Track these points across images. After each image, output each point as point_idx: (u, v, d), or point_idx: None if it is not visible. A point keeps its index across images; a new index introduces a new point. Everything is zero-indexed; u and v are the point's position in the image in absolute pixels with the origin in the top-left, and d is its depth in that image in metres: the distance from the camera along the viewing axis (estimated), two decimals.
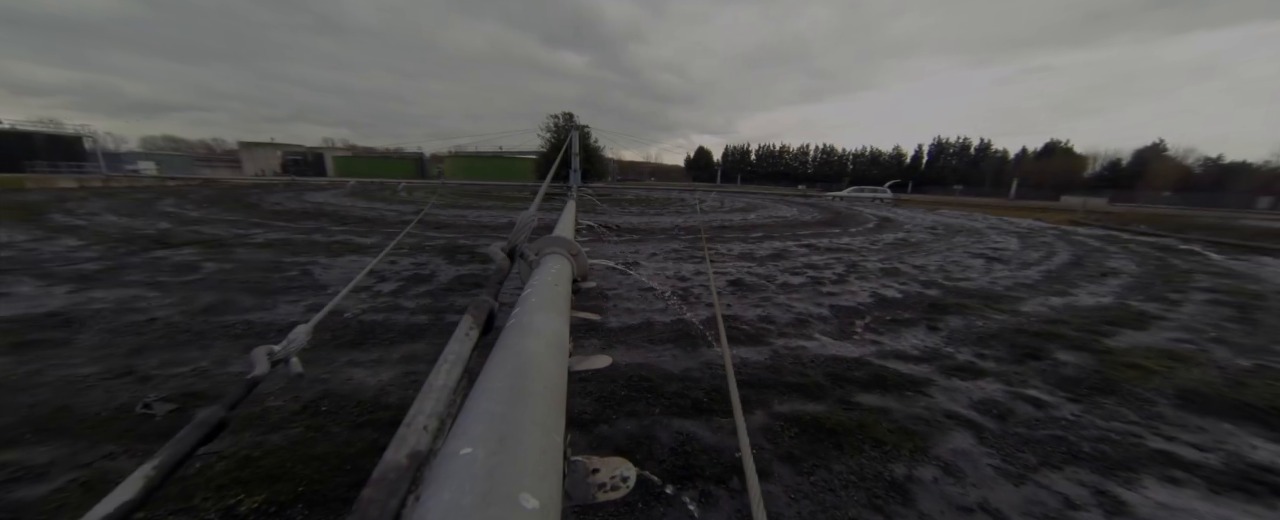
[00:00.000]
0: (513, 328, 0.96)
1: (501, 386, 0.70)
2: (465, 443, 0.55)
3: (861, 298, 5.06)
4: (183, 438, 0.69)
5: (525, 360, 0.80)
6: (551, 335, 0.97)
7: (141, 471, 0.61)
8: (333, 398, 2.53)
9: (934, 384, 3.01)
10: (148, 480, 0.60)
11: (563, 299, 1.28)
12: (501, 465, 0.51)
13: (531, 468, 0.54)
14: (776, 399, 2.71)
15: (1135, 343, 3.87)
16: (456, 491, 0.46)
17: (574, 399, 2.59)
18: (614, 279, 5.51)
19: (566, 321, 1.16)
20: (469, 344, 0.90)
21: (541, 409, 0.67)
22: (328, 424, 2.29)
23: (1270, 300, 5.44)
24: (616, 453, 1.35)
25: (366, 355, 3.12)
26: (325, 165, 57.79)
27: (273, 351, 0.99)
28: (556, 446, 0.63)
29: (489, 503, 0.45)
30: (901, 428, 2.43)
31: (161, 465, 0.62)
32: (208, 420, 0.73)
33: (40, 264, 5.36)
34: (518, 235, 1.81)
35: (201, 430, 0.71)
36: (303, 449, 2.07)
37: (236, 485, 1.82)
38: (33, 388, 2.53)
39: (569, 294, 1.43)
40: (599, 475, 0.73)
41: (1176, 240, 11.91)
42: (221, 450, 2.01)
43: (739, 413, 0.85)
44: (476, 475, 0.49)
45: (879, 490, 1.95)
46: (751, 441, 2.26)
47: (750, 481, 0.67)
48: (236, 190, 19.96)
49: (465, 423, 0.60)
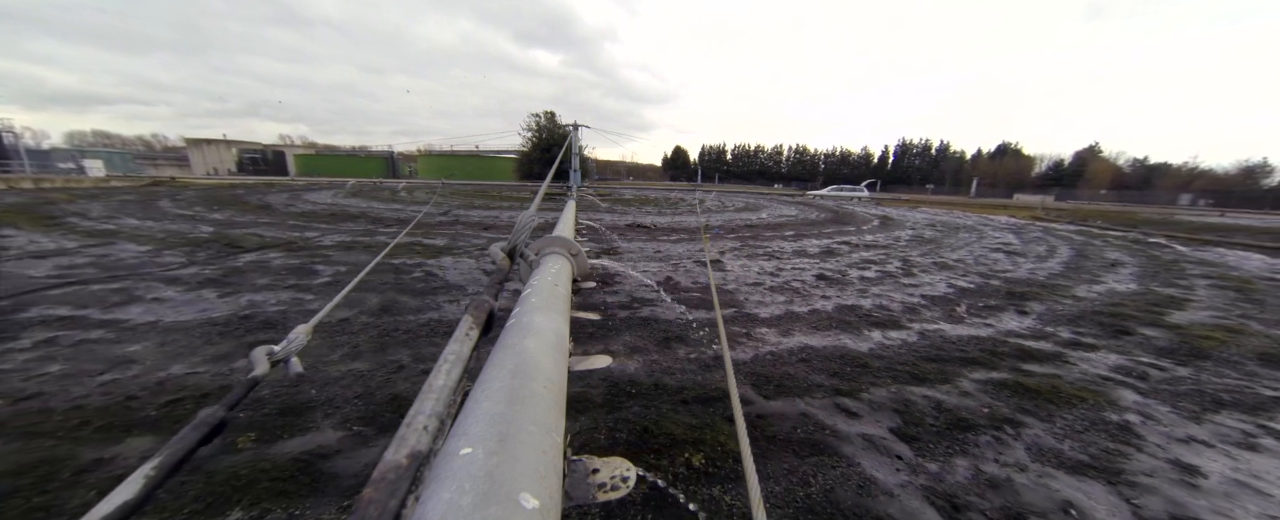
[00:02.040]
0: (513, 328, 0.98)
1: (501, 386, 0.70)
2: (465, 443, 0.55)
3: (940, 289, 5.72)
4: (183, 438, 0.68)
5: (525, 360, 0.81)
6: (552, 335, 0.98)
7: (141, 471, 0.60)
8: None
9: (1066, 356, 3.63)
10: (148, 480, 0.59)
11: (563, 299, 1.30)
12: (501, 465, 0.51)
13: (531, 468, 0.54)
14: (967, 370, 3.25)
15: (1189, 319, 4.68)
16: (456, 491, 0.46)
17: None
18: (699, 275, 5.94)
19: (566, 321, 1.18)
20: (469, 344, 0.90)
21: (541, 409, 0.68)
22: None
23: (1258, 285, 6.51)
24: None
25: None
26: (286, 164, 54.79)
27: (273, 351, 0.99)
28: (556, 446, 0.63)
29: (489, 503, 0.45)
30: (1083, 388, 3.01)
31: (161, 465, 0.62)
32: (208, 420, 0.73)
33: (142, 270, 5.25)
34: (518, 235, 1.80)
35: (202, 430, 0.71)
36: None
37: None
38: (337, 382, 2.73)
39: (569, 294, 1.45)
40: (599, 475, 0.74)
41: (1138, 234, 13.47)
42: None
43: (739, 412, 0.85)
44: (476, 475, 0.49)
45: (1112, 431, 2.50)
46: (983, 402, 2.78)
47: (750, 482, 0.66)
48: (218, 191, 18.92)
49: (465, 423, 0.61)
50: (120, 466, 1.89)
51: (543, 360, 0.83)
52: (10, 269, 5.12)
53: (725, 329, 3.77)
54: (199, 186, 22.18)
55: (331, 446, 2.09)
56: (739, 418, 0.82)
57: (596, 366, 1.26)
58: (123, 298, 4.20)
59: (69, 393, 2.48)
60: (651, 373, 2.96)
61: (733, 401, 0.90)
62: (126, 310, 3.90)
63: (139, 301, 4.12)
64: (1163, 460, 2.24)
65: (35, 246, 6.41)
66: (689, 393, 2.68)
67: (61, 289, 4.40)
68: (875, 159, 62.52)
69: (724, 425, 2.34)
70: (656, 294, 4.85)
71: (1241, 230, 15.34)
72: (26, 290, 4.30)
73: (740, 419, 0.81)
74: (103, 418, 2.25)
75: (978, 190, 46.86)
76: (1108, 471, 2.13)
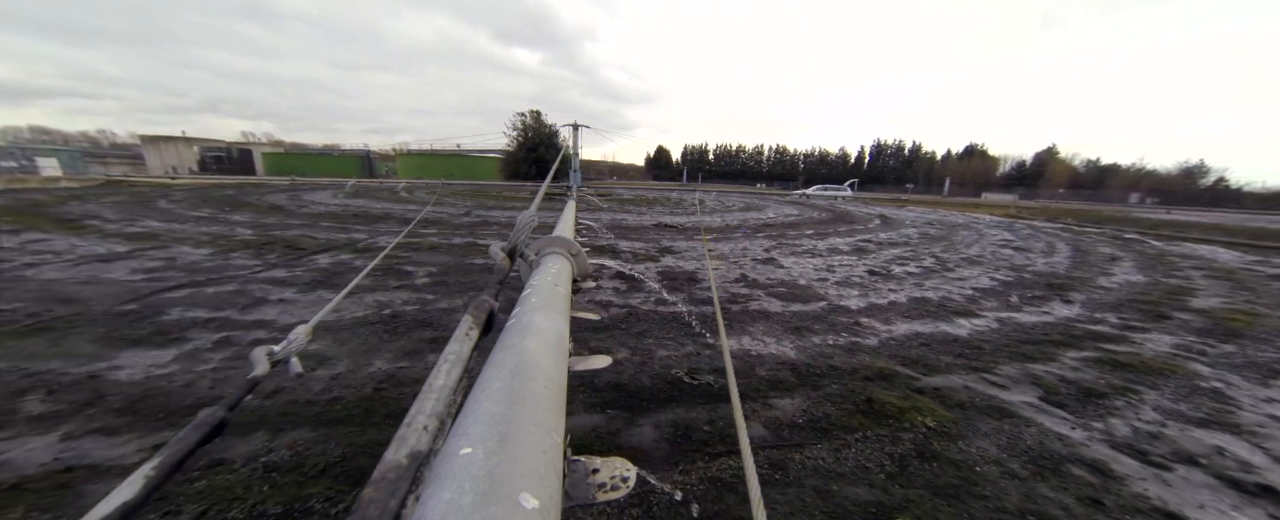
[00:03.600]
0: (513, 328, 0.98)
1: (501, 386, 0.71)
2: (465, 443, 0.55)
3: (983, 282, 6.29)
4: (183, 438, 0.68)
5: (525, 360, 0.81)
6: (552, 335, 0.99)
7: (141, 472, 0.61)
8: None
9: (1127, 338, 4.18)
10: (148, 480, 0.60)
11: (563, 299, 1.31)
12: (501, 465, 0.52)
13: (531, 468, 0.54)
14: (1060, 350, 3.74)
15: (1206, 305, 5.37)
16: (456, 491, 0.47)
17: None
18: (770, 272, 6.35)
19: (567, 321, 1.19)
20: (469, 344, 0.91)
21: (541, 409, 0.69)
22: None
23: (1241, 274, 7.39)
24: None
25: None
26: (253, 162, 52.46)
27: (273, 352, 1.00)
28: (556, 446, 0.64)
29: (489, 503, 0.46)
30: (1162, 362, 3.54)
31: (161, 465, 0.62)
32: (208, 420, 0.73)
33: (228, 273, 5.26)
34: (518, 235, 1.81)
35: (202, 430, 0.71)
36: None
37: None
38: None
39: (569, 294, 1.47)
40: (599, 475, 0.74)
41: (1111, 230, 14.69)
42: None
43: (739, 412, 0.87)
44: (476, 475, 0.49)
45: (1210, 394, 3.01)
46: (1094, 375, 3.26)
47: (750, 482, 0.67)
48: (208, 192, 18.18)
49: (465, 423, 0.61)
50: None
51: (543, 360, 0.84)
52: (91, 272, 5.04)
53: (828, 320, 4.18)
54: (181, 187, 21.17)
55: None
56: (739, 417, 0.83)
57: (596, 366, 1.27)
58: (247, 299, 4.27)
59: (331, 391, 2.62)
60: (814, 358, 3.33)
61: (733, 401, 0.91)
62: (262, 311, 3.99)
63: (267, 303, 4.20)
64: (1263, 415, 2.76)
65: (87, 250, 6.24)
66: (862, 371, 3.07)
67: (174, 292, 4.42)
68: (852, 159, 64.91)
69: (920, 399, 2.73)
70: (750, 292, 5.21)
71: (1195, 227, 16.88)
72: (144, 294, 4.31)
73: (740, 419, 0.82)
74: (383, 407, 2.45)
75: (950, 190, 49.46)
76: (1228, 425, 2.62)
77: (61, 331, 3.33)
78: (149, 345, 3.16)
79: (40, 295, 4.17)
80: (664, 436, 2.26)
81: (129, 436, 2.14)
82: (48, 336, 3.23)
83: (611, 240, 8.59)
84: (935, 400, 2.73)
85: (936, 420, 2.44)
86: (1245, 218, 25.84)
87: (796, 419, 2.44)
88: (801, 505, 1.82)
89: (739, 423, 0.81)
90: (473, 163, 54.75)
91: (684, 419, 2.42)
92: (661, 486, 1.87)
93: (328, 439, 2.16)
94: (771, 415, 2.48)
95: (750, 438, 2.21)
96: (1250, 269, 8.01)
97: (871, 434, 2.30)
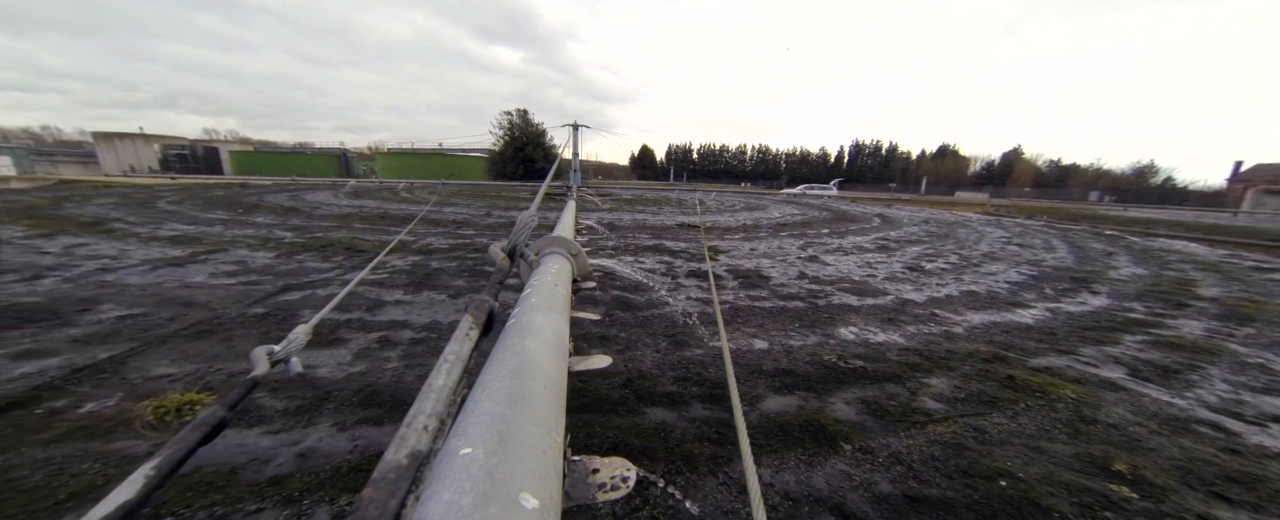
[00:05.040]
0: (513, 328, 0.98)
1: (501, 386, 0.71)
2: (465, 443, 0.56)
3: (1012, 275, 6.88)
4: (183, 438, 0.68)
5: (525, 360, 0.81)
6: (552, 335, 0.99)
7: (141, 471, 0.61)
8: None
9: (1162, 323, 4.76)
10: (148, 480, 0.60)
11: (563, 299, 1.32)
12: (501, 465, 0.52)
13: (531, 468, 0.54)
14: (1116, 334, 4.26)
15: (1212, 294, 6.06)
16: (456, 491, 0.47)
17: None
18: (821, 271, 6.78)
19: (567, 321, 1.20)
20: (469, 344, 0.91)
21: (541, 409, 0.69)
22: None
23: (1226, 267, 8.26)
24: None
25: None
26: (220, 161, 50.18)
27: (273, 352, 0.99)
28: (556, 446, 0.65)
29: (489, 503, 0.46)
30: (1207, 342, 4.10)
31: (161, 465, 0.63)
32: (208, 420, 0.74)
33: (311, 276, 5.33)
34: (518, 235, 1.82)
35: (202, 430, 0.72)
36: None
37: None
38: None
39: (569, 294, 1.47)
40: (599, 475, 0.75)
41: (1088, 227, 15.82)
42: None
43: (738, 412, 0.87)
44: (476, 475, 0.49)
45: (1262, 368, 3.55)
46: (1161, 354, 3.77)
47: (750, 482, 0.67)
48: (197, 192, 17.52)
49: (465, 423, 0.62)
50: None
51: (543, 360, 0.84)
52: (176, 276, 5.04)
53: (907, 312, 4.61)
54: (164, 187, 20.26)
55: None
56: (738, 417, 0.83)
57: (596, 366, 1.28)
58: (366, 301, 4.39)
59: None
60: (924, 344, 3.73)
61: (732, 400, 0.92)
62: (387, 312, 4.14)
63: (386, 305, 4.33)
64: None
65: (143, 254, 6.15)
66: (977, 355, 3.49)
67: (285, 295, 4.50)
68: (832, 159, 66.83)
69: (1044, 376, 3.15)
70: (820, 288, 5.61)
71: (1159, 223, 18.31)
72: (260, 298, 4.38)
73: (739, 418, 0.82)
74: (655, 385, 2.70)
75: (927, 189, 51.74)
76: None
77: (220, 334, 3.44)
78: (316, 346, 3.31)
79: (155, 300, 4.20)
80: (864, 410, 2.61)
81: (389, 426, 2.34)
82: (215, 339, 3.34)
83: (655, 240, 8.88)
84: (1055, 377, 3.16)
85: (1074, 393, 2.87)
86: (1196, 214, 28.02)
87: (957, 394, 2.83)
88: (1027, 460, 2.19)
89: (739, 422, 0.82)
90: (456, 162, 53.84)
91: (869, 396, 2.77)
92: (887, 444, 2.22)
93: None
94: (934, 392, 2.86)
95: (937, 407, 2.58)
96: (1228, 262, 8.93)
97: (1031, 404, 2.71)
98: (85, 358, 2.95)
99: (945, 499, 1.87)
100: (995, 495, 1.92)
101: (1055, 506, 1.87)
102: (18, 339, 3.24)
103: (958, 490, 1.94)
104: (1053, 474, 2.07)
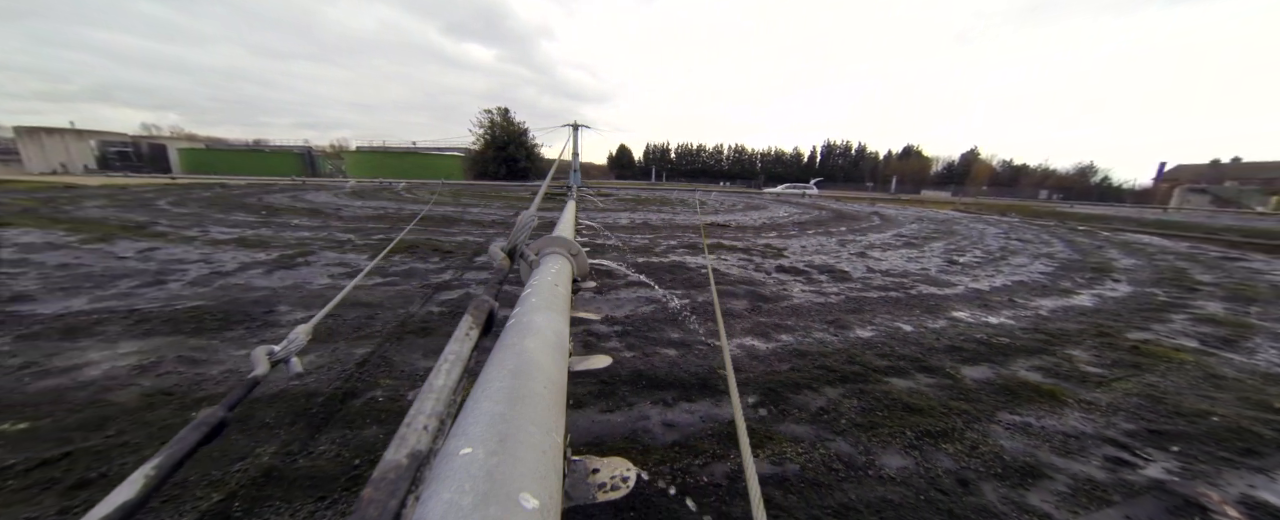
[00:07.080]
0: (513, 328, 1.00)
1: (501, 386, 0.72)
2: (465, 443, 0.56)
3: (1038, 268, 7.75)
4: (182, 438, 0.69)
5: (525, 360, 0.83)
6: (552, 335, 1.01)
7: (141, 472, 0.61)
8: None
9: (1188, 305, 5.64)
10: (148, 480, 0.61)
11: (563, 299, 1.32)
12: (501, 465, 0.53)
13: (531, 468, 0.55)
14: (1164, 314, 5.07)
15: (1207, 280, 7.09)
16: (456, 491, 0.48)
17: None
18: (882, 265, 7.46)
19: (567, 321, 1.21)
20: (469, 344, 0.91)
21: (541, 409, 0.70)
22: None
23: (1199, 258, 9.53)
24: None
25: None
26: (168, 159, 46.90)
27: (273, 351, 1.02)
28: (556, 446, 0.65)
29: (489, 503, 0.47)
30: (1233, 319, 4.95)
31: (161, 466, 0.63)
32: (208, 420, 0.75)
33: (438, 280, 5.52)
34: (518, 235, 1.83)
35: (201, 430, 0.72)
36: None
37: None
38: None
39: (569, 294, 1.47)
40: (599, 475, 0.78)
41: (1058, 223, 17.36)
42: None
43: (738, 411, 0.89)
44: (476, 475, 0.50)
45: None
46: (1214, 328, 4.57)
47: (751, 482, 0.68)
48: (185, 192, 16.66)
49: (465, 423, 0.62)
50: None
51: (543, 360, 0.85)
52: (295, 280, 5.12)
53: (985, 299, 5.29)
54: (141, 188, 19.02)
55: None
56: (739, 416, 0.84)
57: (596, 366, 1.30)
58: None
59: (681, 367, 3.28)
60: (1032, 325, 4.38)
61: (733, 400, 0.94)
62: None
63: None
64: None
65: (235, 257, 6.11)
66: (1085, 332, 4.16)
67: (444, 294, 4.72)
68: (805, 158, 69.38)
69: (1154, 346, 3.83)
70: (899, 280, 6.25)
71: (1114, 219, 20.16)
72: (425, 298, 4.58)
73: (740, 418, 0.84)
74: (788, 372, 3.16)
75: (897, 187, 54.79)
76: None
77: (441, 331, 3.68)
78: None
79: (322, 302, 4.34)
80: (1050, 375, 3.20)
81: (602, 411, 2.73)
82: (439, 335, 3.58)
83: (713, 239, 9.37)
84: (1161, 346, 3.86)
85: (1187, 357, 3.56)
86: (1137, 211, 31.02)
87: (1104, 361, 3.47)
88: (1212, 403, 2.78)
89: (739, 422, 0.83)
90: (432, 161, 52.49)
91: (1041, 365, 3.37)
92: (1097, 397, 2.80)
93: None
94: (1084, 360, 3.48)
95: (1101, 371, 3.19)
96: (1195, 253, 10.27)
97: (1163, 369, 3.38)
98: (347, 354, 3.15)
99: (1181, 431, 2.48)
100: (1217, 426, 2.53)
101: (1262, 432, 2.49)
102: (246, 337, 3.38)
103: (1185, 425, 2.54)
104: (1239, 412, 2.71)
